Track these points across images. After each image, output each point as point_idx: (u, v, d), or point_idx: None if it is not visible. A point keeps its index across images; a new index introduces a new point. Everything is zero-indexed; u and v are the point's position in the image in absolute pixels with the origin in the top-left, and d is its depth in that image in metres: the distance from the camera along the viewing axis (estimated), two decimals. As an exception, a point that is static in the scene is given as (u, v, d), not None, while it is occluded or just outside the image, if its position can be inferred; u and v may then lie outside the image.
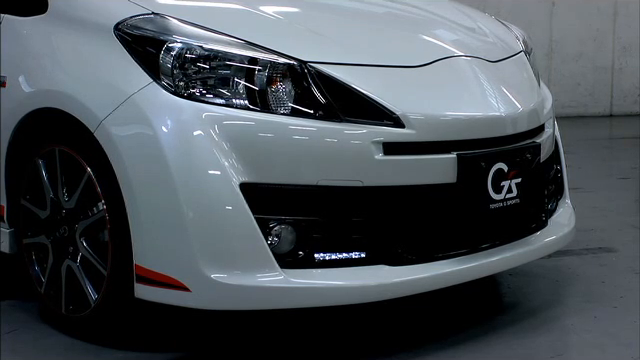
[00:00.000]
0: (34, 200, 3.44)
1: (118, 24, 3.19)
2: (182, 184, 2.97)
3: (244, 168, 2.98)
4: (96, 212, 3.20)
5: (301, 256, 3.03)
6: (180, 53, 3.08)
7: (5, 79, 3.48)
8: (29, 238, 3.49)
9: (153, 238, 3.03)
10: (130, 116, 3.06)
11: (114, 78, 3.14)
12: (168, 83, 3.05)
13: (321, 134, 3.04)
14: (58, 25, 3.39)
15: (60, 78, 3.31)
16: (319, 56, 3.17)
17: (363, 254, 3.10)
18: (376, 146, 3.06)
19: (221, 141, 2.98)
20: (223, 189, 2.96)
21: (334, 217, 3.07)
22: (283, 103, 3.07)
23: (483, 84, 3.43)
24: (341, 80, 3.12)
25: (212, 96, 3.04)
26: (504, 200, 3.30)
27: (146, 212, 3.03)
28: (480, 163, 3.23)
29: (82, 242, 3.27)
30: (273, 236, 3.00)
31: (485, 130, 3.31)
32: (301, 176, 3.02)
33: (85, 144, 3.18)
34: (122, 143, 3.06)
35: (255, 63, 3.08)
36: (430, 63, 3.38)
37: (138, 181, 3.03)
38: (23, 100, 3.41)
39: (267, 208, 2.99)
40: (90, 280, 3.27)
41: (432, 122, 3.17)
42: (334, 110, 3.08)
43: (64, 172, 3.31)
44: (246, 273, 2.97)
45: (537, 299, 3.85)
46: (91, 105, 3.14)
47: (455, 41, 3.66)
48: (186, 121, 3.00)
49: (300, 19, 3.60)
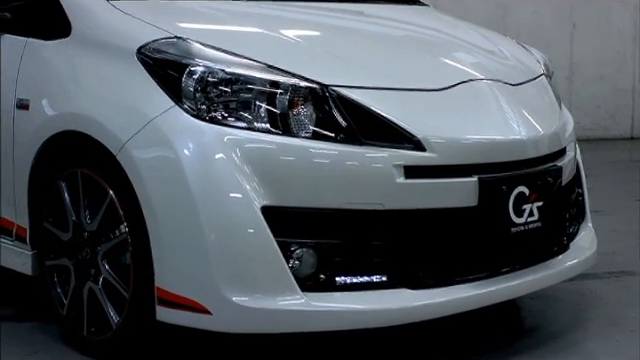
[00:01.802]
0: (56, 222, 3.45)
1: (141, 48, 3.21)
2: (204, 207, 2.98)
3: (265, 191, 2.98)
4: (118, 235, 3.22)
5: (322, 279, 3.04)
6: (202, 76, 3.09)
7: (28, 102, 3.51)
8: (51, 260, 3.50)
9: (174, 261, 3.04)
10: (152, 139, 3.08)
11: (136, 101, 3.16)
12: (190, 106, 3.06)
13: (342, 157, 3.05)
14: (81, 49, 3.41)
15: (83, 101, 3.33)
16: (340, 79, 3.18)
17: (384, 277, 3.09)
18: (397, 169, 3.07)
19: (242, 164, 2.99)
20: (244, 212, 2.97)
21: (355, 240, 3.07)
22: (304, 126, 3.08)
23: (504, 107, 3.43)
24: (362, 103, 3.13)
25: (234, 119, 3.06)
26: (525, 224, 3.29)
27: (168, 235, 3.04)
28: (501, 186, 3.22)
29: (104, 264, 3.29)
30: (294, 259, 3.01)
31: (506, 153, 3.30)
32: (322, 199, 3.03)
33: (107, 167, 3.19)
34: (144, 166, 3.07)
35: (277, 86, 3.09)
36: (451, 86, 3.38)
37: (160, 204, 3.05)
38: (46, 123, 3.44)
39: (288, 231, 3.00)
40: (112, 302, 3.27)
41: (453, 145, 3.18)
42: (355, 133, 3.08)
43: (86, 195, 3.33)
44: (267, 296, 2.97)
45: (558, 323, 3.83)
46: (113, 128, 3.16)
47: (476, 64, 3.67)
48: (208, 144, 3.02)
49: (321, 42, 3.62)
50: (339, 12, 4.06)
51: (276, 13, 3.83)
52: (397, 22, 4.14)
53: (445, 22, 4.33)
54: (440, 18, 4.40)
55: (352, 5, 4.17)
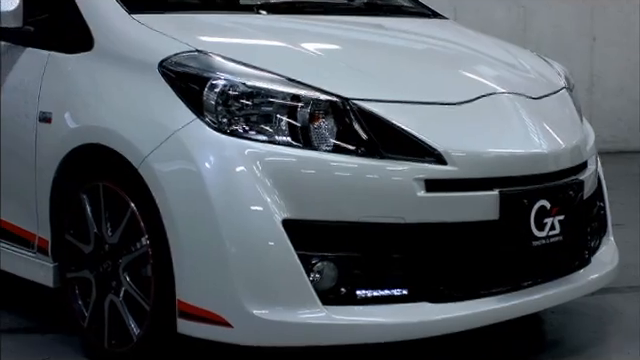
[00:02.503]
0: (78, 235, 3.47)
1: (162, 61, 3.22)
2: (224, 220, 2.99)
3: (286, 204, 2.99)
4: (139, 247, 3.23)
5: (343, 293, 3.04)
6: (223, 90, 3.10)
7: (51, 115, 3.53)
8: (72, 272, 3.52)
9: (195, 273, 3.05)
10: (173, 152, 3.09)
11: (158, 115, 3.18)
12: (211, 120, 3.07)
13: (363, 171, 3.05)
14: (103, 62, 3.43)
15: (105, 114, 3.35)
16: (361, 93, 3.18)
17: (405, 291, 3.09)
18: (418, 183, 3.06)
19: (263, 177, 3.00)
20: (265, 225, 2.98)
21: (376, 254, 3.07)
22: (325, 140, 3.09)
23: (525, 121, 3.42)
24: (383, 117, 3.13)
25: (255, 133, 3.07)
26: (547, 237, 3.28)
27: (189, 247, 3.05)
28: (523, 200, 3.22)
29: (125, 277, 3.30)
30: (315, 272, 3.01)
31: (528, 167, 3.30)
32: (343, 212, 3.03)
33: (129, 180, 3.21)
34: (165, 179, 3.08)
35: (297, 100, 3.10)
36: (472, 100, 3.38)
37: (181, 217, 3.06)
38: (68, 136, 3.45)
39: (309, 244, 3.00)
40: (133, 315, 3.28)
41: (474, 159, 3.17)
42: (376, 147, 3.09)
43: (108, 207, 3.34)
44: (288, 309, 2.97)
45: (580, 337, 3.82)
46: (135, 141, 3.18)
47: (497, 78, 3.66)
48: (229, 157, 3.03)
49: (341, 56, 3.62)
50: (359, 26, 4.06)
51: (297, 27, 3.84)
52: (417, 35, 4.14)
53: (466, 35, 4.33)
54: (461, 31, 4.40)
55: (372, 19, 4.18)
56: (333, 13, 4.14)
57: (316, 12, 4.06)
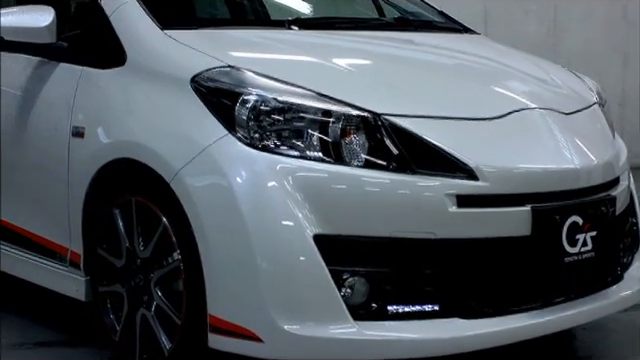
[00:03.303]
0: (110, 249, 3.48)
1: (194, 76, 3.24)
2: (256, 235, 3.00)
3: (317, 219, 2.99)
4: (171, 262, 3.24)
5: (374, 308, 3.03)
6: (255, 105, 3.11)
7: (83, 130, 3.55)
8: (104, 286, 3.53)
9: (227, 288, 3.05)
10: (205, 167, 3.10)
11: (190, 130, 3.19)
12: (243, 135, 3.09)
13: (394, 186, 3.05)
14: (135, 77, 3.46)
15: (137, 129, 3.37)
16: (392, 108, 3.18)
17: (436, 307, 3.08)
18: (449, 198, 3.06)
19: (295, 192, 3.00)
20: (297, 240, 2.98)
21: (407, 269, 3.06)
22: (356, 155, 3.09)
23: (557, 136, 3.40)
24: (414, 132, 3.13)
25: (286, 148, 3.07)
26: (579, 253, 3.26)
27: (220, 262, 3.06)
28: (555, 216, 3.20)
29: (157, 291, 3.31)
30: (346, 288, 3.01)
31: (559, 183, 3.28)
32: (374, 228, 3.03)
33: (161, 194, 3.22)
34: (197, 194, 3.10)
35: (329, 115, 3.10)
36: (503, 115, 3.37)
37: (213, 231, 3.07)
38: (101, 151, 3.48)
39: (340, 259, 3.00)
40: (164, 329, 3.29)
41: (506, 174, 3.16)
42: (407, 162, 3.09)
43: (140, 222, 3.35)
44: (319, 325, 2.97)
45: (612, 354, 3.80)
46: (167, 156, 3.19)
47: (528, 93, 3.65)
48: (260, 172, 3.04)
49: (372, 71, 3.63)
50: (390, 41, 4.07)
51: (328, 42, 3.85)
52: (449, 50, 4.14)
53: (497, 50, 4.32)
54: (492, 46, 4.39)
55: (403, 34, 4.17)
56: (364, 29, 4.15)
57: (347, 28, 4.07)
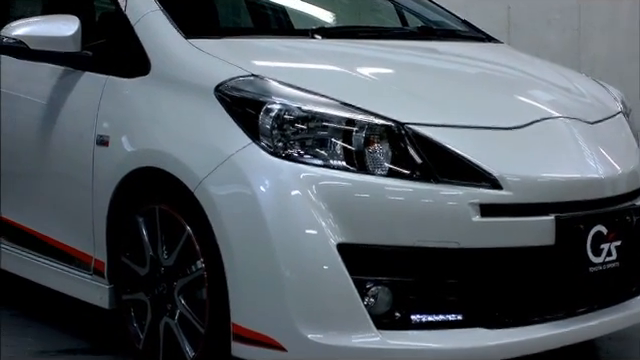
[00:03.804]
0: (134, 257, 3.49)
1: (218, 86, 3.25)
2: (279, 243, 3.00)
3: (341, 228, 2.99)
4: (194, 270, 3.25)
5: (398, 317, 3.03)
6: (279, 114, 3.12)
7: (108, 139, 3.56)
8: (128, 294, 3.55)
9: (250, 297, 3.06)
10: (229, 176, 3.11)
11: (214, 138, 3.20)
12: (267, 144, 3.09)
13: (417, 195, 3.05)
14: (160, 86, 3.47)
15: (161, 138, 3.38)
16: (416, 117, 3.18)
17: (460, 316, 3.08)
18: (473, 208, 3.05)
19: (318, 201, 3.00)
20: (320, 249, 2.98)
21: (430, 278, 3.06)
22: (380, 164, 3.09)
23: (581, 146, 3.39)
24: (438, 141, 3.12)
25: (310, 157, 3.08)
26: (603, 263, 3.25)
27: (243, 271, 3.07)
28: (579, 226, 3.19)
29: (180, 299, 3.32)
30: (369, 297, 3.01)
31: (584, 192, 3.27)
32: (397, 237, 3.03)
33: (185, 203, 3.23)
34: (221, 202, 3.10)
35: (352, 124, 3.11)
36: (527, 124, 3.36)
37: (236, 240, 3.07)
38: (125, 159, 3.49)
39: (364, 269, 3.00)
40: (187, 337, 3.30)
41: (530, 184, 3.16)
42: (431, 171, 3.08)
43: (164, 230, 3.36)
44: (342, 333, 2.97)
45: (636, 364, 3.78)
46: (191, 165, 3.20)
47: (552, 102, 3.64)
48: (284, 181, 3.04)
49: (396, 80, 3.63)
50: (414, 50, 4.07)
51: (351, 51, 3.85)
52: (472, 59, 4.13)
53: (520, 59, 4.32)
54: (515, 55, 4.39)
55: (426, 43, 4.17)
56: (387, 38, 4.15)
57: (370, 37, 4.07)
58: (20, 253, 4.12)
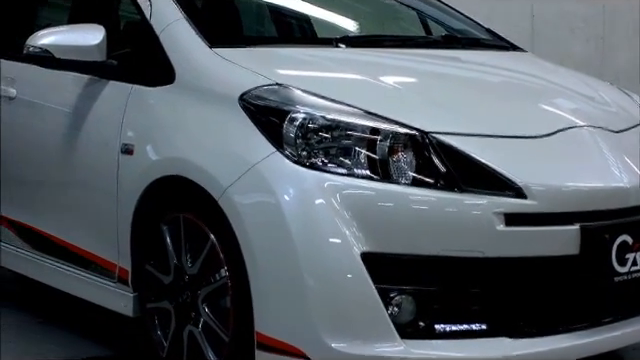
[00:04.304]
0: (158, 265, 3.51)
1: (243, 94, 3.26)
2: (303, 252, 3.00)
3: (365, 237, 2.99)
4: (218, 278, 3.25)
5: (421, 327, 3.03)
6: (303, 123, 3.12)
7: (133, 147, 3.58)
8: (152, 303, 3.56)
9: (274, 305, 3.06)
10: (253, 185, 3.11)
11: (238, 147, 3.21)
12: (291, 152, 3.10)
13: (441, 204, 3.04)
14: (184, 95, 3.48)
15: (185, 147, 3.39)
16: (440, 126, 3.18)
17: (484, 326, 3.07)
18: (497, 217, 3.04)
19: (342, 210, 3.00)
20: (344, 258, 2.98)
21: (455, 288, 3.05)
22: (404, 173, 3.09)
23: (606, 154, 3.38)
24: (462, 150, 3.12)
25: (334, 165, 3.08)
26: (629, 273, 3.22)
27: (267, 279, 3.07)
28: (604, 235, 3.18)
29: (204, 308, 3.32)
30: (393, 306, 3.00)
31: (609, 201, 3.25)
32: (422, 246, 3.02)
33: (209, 212, 3.23)
34: (245, 211, 3.11)
35: (377, 133, 3.11)
36: (552, 133, 3.35)
37: (260, 248, 3.07)
38: (149, 167, 3.50)
39: (388, 278, 3.00)
40: (211, 346, 3.30)
41: (554, 193, 3.14)
42: (455, 180, 3.08)
43: (188, 239, 3.37)
44: (366, 343, 2.97)
45: (662, 375, 3.75)
46: (215, 173, 3.21)
47: (576, 111, 3.63)
48: (308, 190, 3.04)
49: (420, 89, 3.63)
50: (438, 59, 4.07)
51: (375, 60, 3.86)
52: (495, 68, 4.13)
53: (544, 68, 4.31)
54: (539, 64, 4.38)
55: (450, 52, 4.17)
56: (411, 46, 4.15)
57: (394, 45, 4.07)
58: (45, 261, 4.15)
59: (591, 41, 9.04)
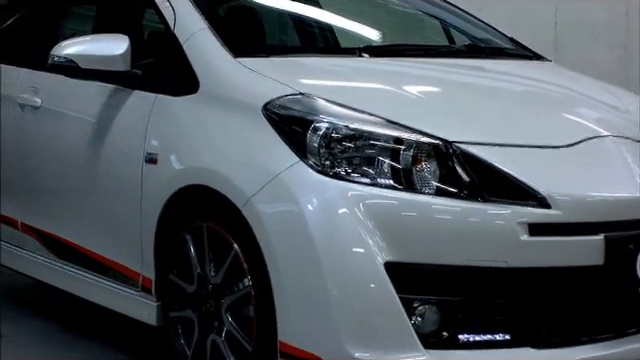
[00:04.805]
0: (181, 274, 3.51)
1: (266, 104, 3.26)
2: (327, 261, 3.00)
3: (388, 247, 2.99)
4: (242, 288, 3.26)
5: (445, 337, 3.02)
6: (326, 133, 3.13)
7: (156, 156, 3.59)
8: (175, 312, 3.56)
9: (297, 315, 3.06)
10: (277, 194, 3.12)
11: (262, 157, 3.21)
12: (314, 162, 3.10)
13: (465, 214, 3.04)
14: (208, 105, 3.49)
15: (209, 156, 3.40)
16: (463, 135, 3.18)
17: (507, 336, 3.06)
18: (521, 227, 3.03)
19: (366, 220, 3.00)
20: (367, 267, 2.98)
21: (478, 298, 3.05)
22: (427, 182, 3.08)
23: (630, 164, 3.36)
24: (486, 160, 3.11)
25: (357, 175, 3.08)
26: (654, 283, 3.21)
27: (291, 289, 3.07)
28: (628, 245, 3.16)
29: (227, 317, 3.33)
30: (417, 316, 3.00)
31: (633, 211, 3.23)
32: (445, 256, 3.02)
33: (232, 221, 3.24)
34: (269, 220, 3.11)
35: (400, 143, 3.10)
36: (576, 143, 3.34)
37: (283, 258, 3.08)
38: (173, 177, 3.51)
39: (411, 287, 2.99)
40: (234, 355, 3.31)
41: (579, 203, 3.13)
42: (478, 190, 3.07)
43: (211, 248, 3.38)
44: (389, 352, 2.96)
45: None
46: (239, 183, 3.21)
47: (600, 120, 3.62)
48: (331, 200, 3.04)
49: (443, 98, 3.63)
50: (461, 68, 4.06)
51: (398, 69, 3.86)
52: (519, 77, 4.12)
53: (568, 77, 4.30)
54: (563, 73, 4.37)
55: (473, 61, 4.17)
56: (434, 56, 4.15)
57: (417, 55, 4.07)
58: (68, 269, 4.16)
59: (614, 50, 9.00)
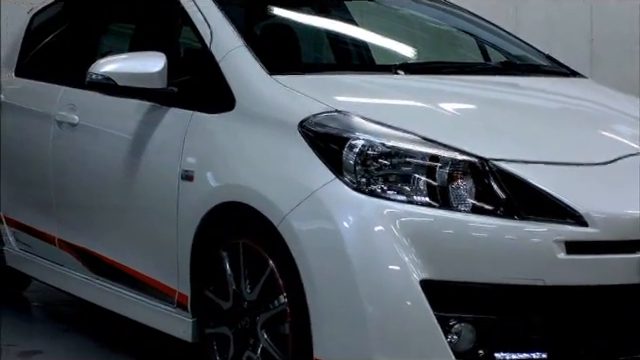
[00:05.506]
0: (217, 291, 3.52)
1: (302, 121, 3.28)
2: (363, 279, 3.00)
3: (424, 264, 2.99)
4: (277, 305, 3.26)
5: (481, 355, 3.01)
6: (362, 150, 3.13)
7: (193, 173, 3.60)
8: (211, 328, 3.57)
9: (333, 332, 3.06)
10: (313, 211, 3.13)
11: (298, 174, 3.22)
12: (350, 179, 3.10)
13: (501, 232, 3.03)
14: (244, 122, 3.51)
15: (245, 173, 3.41)
16: (500, 153, 3.17)
17: (544, 354, 3.04)
18: (558, 245, 3.02)
19: (402, 237, 3.00)
20: (403, 285, 2.98)
21: (515, 316, 3.03)
22: (463, 200, 3.08)
23: (667, 183, 3.34)
24: (522, 177, 3.10)
25: (393, 192, 3.08)
26: (691, 302, 3.18)
27: (326, 306, 3.07)
28: (666, 264, 3.14)
29: (263, 334, 3.33)
30: (453, 334, 2.99)
31: (670, 230, 3.21)
32: (481, 273, 3.01)
33: (268, 238, 3.25)
34: (305, 237, 3.12)
35: (436, 160, 3.10)
36: (613, 161, 3.32)
37: (319, 275, 3.08)
38: (209, 194, 3.53)
39: (447, 305, 2.99)
40: (270, 372, 3.32)
41: (616, 221, 3.11)
42: (515, 208, 3.06)
43: (247, 265, 3.39)
44: (425, 370, 2.96)
45: None
46: (275, 200, 3.22)
47: (636, 137, 3.58)
48: (367, 217, 3.05)
49: (479, 115, 3.63)
50: (496, 85, 4.06)
51: (434, 87, 3.86)
52: (555, 95, 4.11)
53: (604, 94, 4.27)
54: (599, 90, 4.34)
55: (509, 78, 4.16)
56: (470, 73, 4.15)
57: (453, 72, 4.07)
58: (104, 285, 4.19)
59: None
